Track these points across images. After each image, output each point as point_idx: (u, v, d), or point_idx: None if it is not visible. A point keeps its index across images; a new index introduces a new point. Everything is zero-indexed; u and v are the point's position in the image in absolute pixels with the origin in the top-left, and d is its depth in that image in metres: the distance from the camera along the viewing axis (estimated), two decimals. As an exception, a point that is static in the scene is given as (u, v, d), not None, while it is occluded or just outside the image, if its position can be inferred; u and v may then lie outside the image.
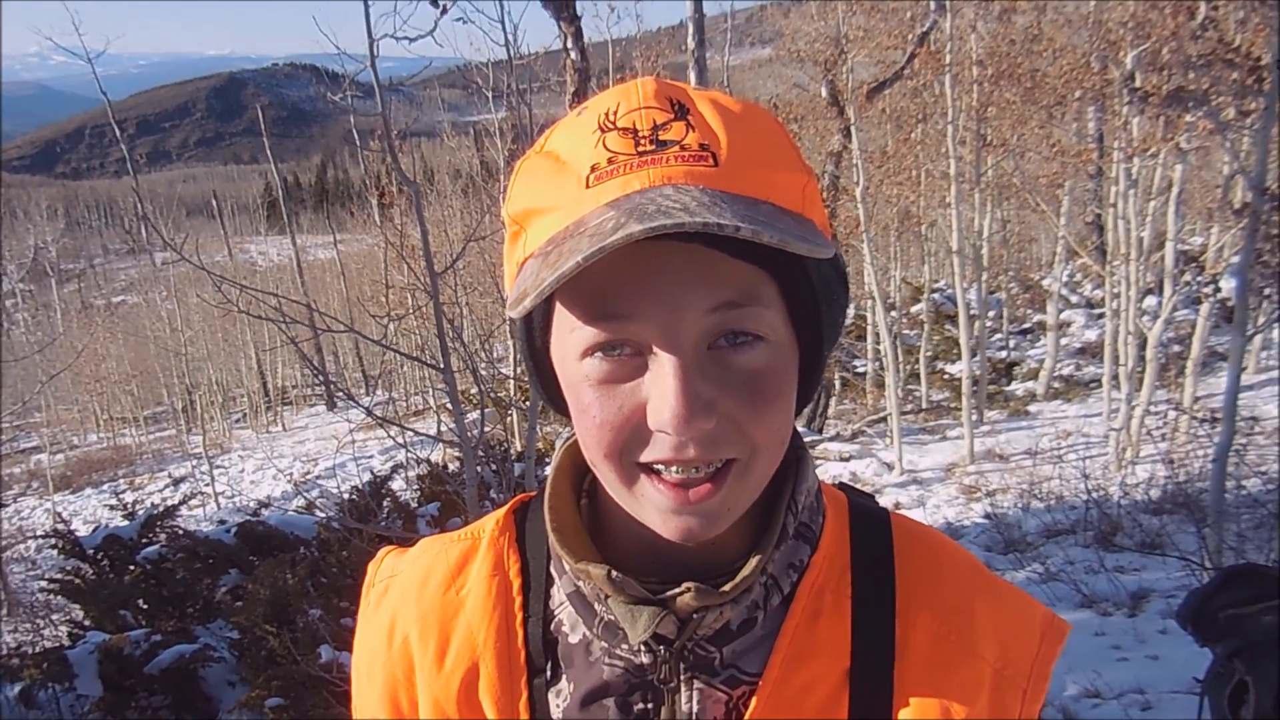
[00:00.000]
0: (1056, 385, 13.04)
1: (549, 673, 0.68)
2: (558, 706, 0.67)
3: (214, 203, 46.25)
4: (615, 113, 0.58)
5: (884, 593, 0.67)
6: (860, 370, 16.10)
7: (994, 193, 13.33)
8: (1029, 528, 7.19)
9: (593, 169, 0.56)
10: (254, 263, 45.32)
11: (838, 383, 15.18)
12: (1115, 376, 10.23)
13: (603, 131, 0.58)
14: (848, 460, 10.92)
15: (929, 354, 14.25)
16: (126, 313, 35.62)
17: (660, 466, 0.58)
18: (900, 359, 12.98)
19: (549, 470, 0.72)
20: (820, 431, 12.38)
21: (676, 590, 0.62)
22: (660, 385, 0.56)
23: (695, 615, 0.63)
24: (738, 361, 0.57)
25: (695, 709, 0.64)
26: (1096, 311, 14.35)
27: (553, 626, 0.69)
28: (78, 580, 5.85)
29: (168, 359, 25.66)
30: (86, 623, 5.51)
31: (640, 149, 0.56)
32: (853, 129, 10.55)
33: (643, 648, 0.64)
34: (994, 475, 9.39)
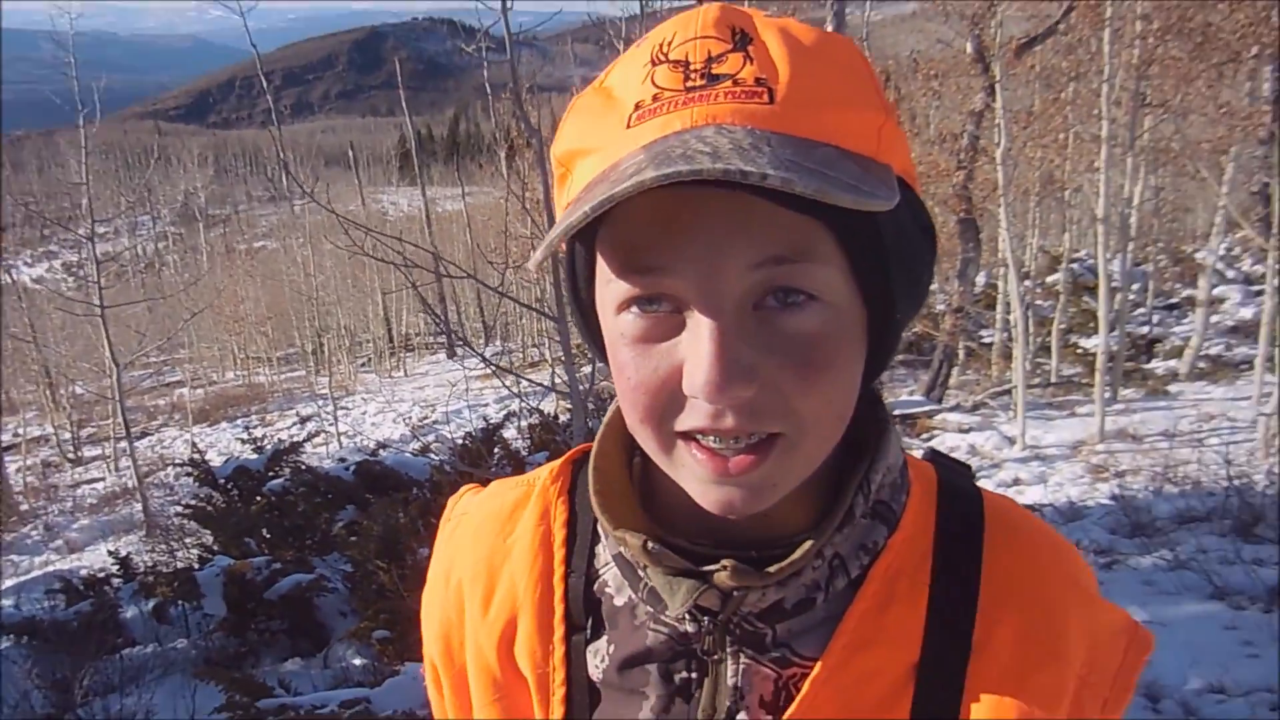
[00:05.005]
0: (1202, 365, 12.26)
1: (589, 631, 0.65)
2: (596, 667, 0.64)
3: (350, 153, 48.03)
4: (670, 43, 0.53)
5: (967, 583, 0.61)
6: (987, 340, 15.51)
7: (1149, 157, 12.50)
8: (1160, 512, 6.80)
9: (636, 107, 0.51)
10: (385, 213, 46.84)
11: (962, 352, 14.66)
12: (1270, 358, 9.55)
13: (653, 65, 0.52)
14: (967, 432, 10.55)
15: (1063, 326, 13.58)
16: (265, 257, 37.25)
17: (698, 435, 0.52)
18: (1031, 330, 12.42)
19: (601, 426, 0.67)
20: (940, 401, 12.02)
21: (714, 566, 0.58)
22: (696, 347, 0.50)
23: (736, 593, 0.58)
24: (786, 324, 0.51)
25: (741, 683, 0.60)
26: (1255, 288, 13.44)
27: (596, 586, 0.66)
28: (209, 507, 6.22)
29: (300, 303, 26.73)
30: (215, 547, 5.85)
31: (689, 84, 0.51)
32: (998, 87, 10.03)
33: (687, 616, 0.61)
34: (1125, 456, 8.92)
